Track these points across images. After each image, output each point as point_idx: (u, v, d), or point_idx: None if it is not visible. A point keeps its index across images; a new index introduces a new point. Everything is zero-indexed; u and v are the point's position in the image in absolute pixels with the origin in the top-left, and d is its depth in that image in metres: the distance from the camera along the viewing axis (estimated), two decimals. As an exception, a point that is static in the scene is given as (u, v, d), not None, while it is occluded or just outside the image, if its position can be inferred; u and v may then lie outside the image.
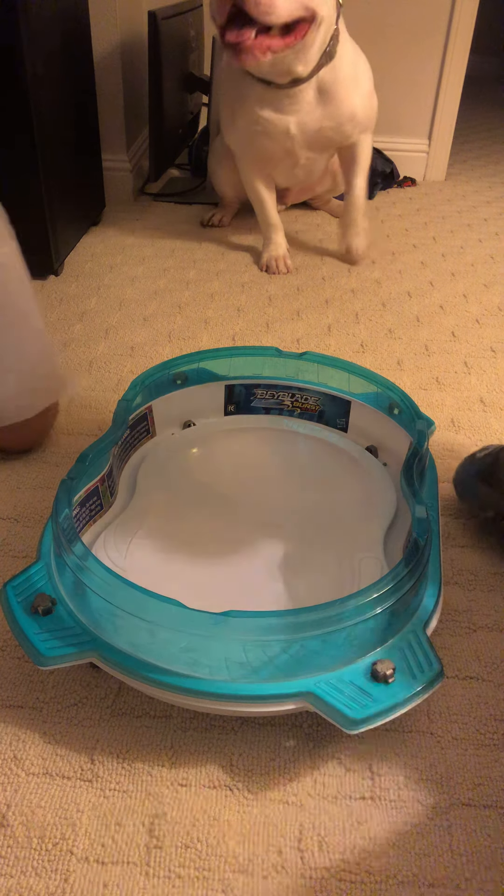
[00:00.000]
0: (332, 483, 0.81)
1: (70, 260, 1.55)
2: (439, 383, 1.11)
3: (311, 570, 0.69)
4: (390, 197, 2.08)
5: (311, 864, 0.50)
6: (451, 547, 0.79)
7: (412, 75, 2.09)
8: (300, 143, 1.39)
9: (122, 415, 0.76)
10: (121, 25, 1.73)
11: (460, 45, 2.02)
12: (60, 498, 0.62)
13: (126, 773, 0.56)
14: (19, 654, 0.65)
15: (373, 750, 0.58)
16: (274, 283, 1.47)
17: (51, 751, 0.57)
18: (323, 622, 0.52)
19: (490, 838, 0.52)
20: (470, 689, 0.63)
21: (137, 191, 1.99)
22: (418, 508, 0.62)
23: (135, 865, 0.50)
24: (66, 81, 1.40)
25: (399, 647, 0.55)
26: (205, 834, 0.52)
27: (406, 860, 0.51)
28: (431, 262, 1.61)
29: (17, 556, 0.76)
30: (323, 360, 0.86)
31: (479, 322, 1.33)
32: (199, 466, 0.83)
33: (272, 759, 0.57)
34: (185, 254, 1.61)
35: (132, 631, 0.54)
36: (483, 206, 2.01)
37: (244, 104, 1.35)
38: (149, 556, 0.70)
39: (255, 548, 0.72)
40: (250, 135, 1.39)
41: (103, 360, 1.15)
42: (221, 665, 0.53)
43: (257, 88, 1.31)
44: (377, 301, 1.40)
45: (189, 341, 1.22)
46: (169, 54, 1.62)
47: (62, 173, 1.42)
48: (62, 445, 0.94)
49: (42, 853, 0.50)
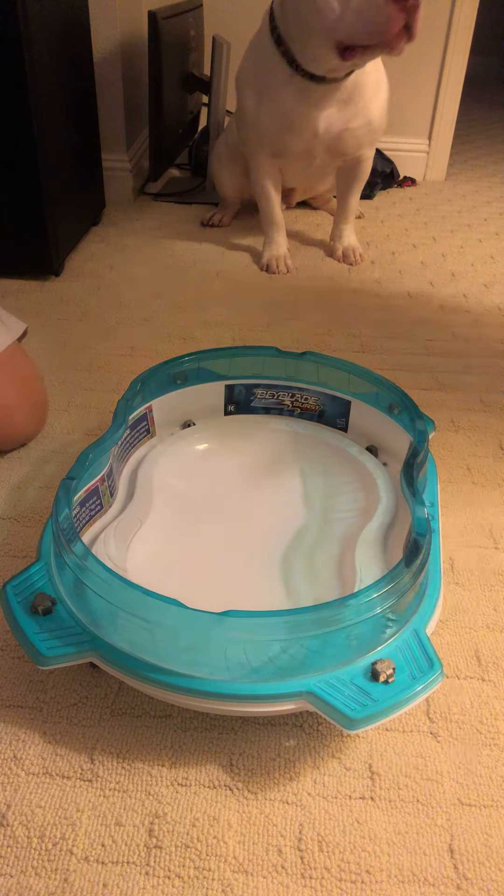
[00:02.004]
0: (332, 483, 0.81)
1: (70, 260, 1.55)
2: (439, 383, 1.11)
3: (311, 570, 0.69)
4: (390, 197, 2.08)
5: (311, 864, 0.50)
6: (451, 547, 0.79)
7: (412, 75, 2.09)
8: (322, 143, 1.38)
9: (122, 414, 0.76)
10: (121, 25, 1.73)
11: (460, 45, 2.02)
12: (60, 498, 0.62)
13: (126, 773, 0.56)
14: (19, 654, 0.65)
15: (373, 750, 0.58)
16: (274, 283, 1.47)
17: (51, 751, 0.57)
18: (323, 622, 0.52)
19: (490, 838, 0.52)
20: (470, 689, 0.63)
21: (137, 191, 1.99)
22: (418, 508, 0.62)
23: (135, 865, 0.50)
24: (66, 81, 1.40)
25: (399, 647, 0.55)
26: (205, 834, 0.52)
27: (406, 860, 0.51)
28: (431, 262, 1.61)
29: (17, 556, 0.76)
30: (323, 360, 0.86)
31: (479, 322, 1.33)
32: (198, 466, 0.83)
33: (272, 759, 0.57)
34: (185, 254, 1.61)
35: (132, 631, 0.54)
36: (483, 206, 2.01)
37: (277, 98, 1.32)
38: (149, 556, 0.70)
39: (255, 548, 0.72)
40: (276, 130, 1.37)
41: (103, 360, 1.15)
42: (221, 665, 0.53)
43: (298, 81, 1.29)
44: (377, 301, 1.40)
45: (189, 341, 1.22)
46: (169, 54, 1.62)
47: (62, 173, 1.42)
48: (62, 445, 0.94)
49: (42, 853, 0.50)
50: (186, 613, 0.52)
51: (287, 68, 1.28)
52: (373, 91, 1.35)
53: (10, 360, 0.88)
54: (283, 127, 1.36)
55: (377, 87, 1.35)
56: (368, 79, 1.32)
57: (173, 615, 0.52)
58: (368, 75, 1.32)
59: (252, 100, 1.36)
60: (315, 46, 1.19)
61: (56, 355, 1.16)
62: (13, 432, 0.89)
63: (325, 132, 1.35)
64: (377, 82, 1.35)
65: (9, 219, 1.36)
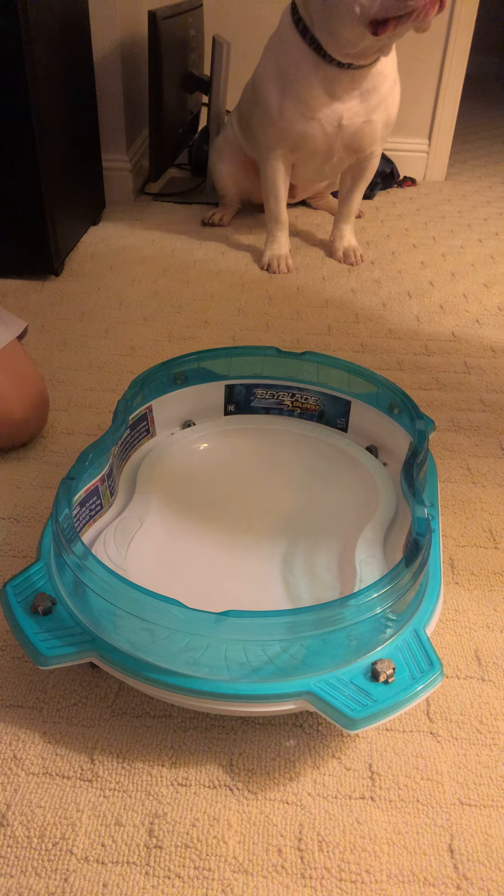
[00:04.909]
0: (332, 483, 0.81)
1: (70, 260, 1.55)
2: (439, 383, 1.11)
3: (311, 570, 0.69)
4: (390, 197, 2.08)
5: (311, 864, 0.50)
6: (451, 547, 0.79)
7: (412, 75, 2.09)
8: (343, 137, 1.39)
9: (122, 414, 0.76)
10: (121, 25, 1.73)
11: (460, 45, 2.02)
12: (60, 498, 0.62)
13: (126, 773, 0.56)
14: (19, 654, 0.65)
15: (373, 750, 0.58)
16: (274, 283, 1.47)
17: (51, 751, 0.57)
18: (323, 622, 0.52)
19: (490, 838, 0.52)
20: (470, 689, 0.63)
21: (137, 191, 1.99)
22: (418, 508, 0.62)
23: (135, 865, 0.50)
24: (66, 81, 1.40)
25: (399, 647, 0.55)
26: (205, 834, 0.52)
27: (406, 860, 0.51)
28: (431, 262, 1.61)
29: (17, 556, 0.76)
30: (323, 360, 0.86)
31: (479, 322, 1.33)
32: (198, 466, 0.83)
33: (272, 759, 0.57)
34: (185, 254, 1.61)
35: (132, 631, 0.54)
36: (483, 206, 2.01)
37: (302, 89, 1.33)
38: (149, 556, 0.70)
39: (255, 548, 0.72)
40: (300, 123, 1.37)
41: (103, 360, 1.15)
42: (221, 665, 0.53)
43: (325, 69, 1.29)
44: (377, 301, 1.40)
45: (189, 341, 1.22)
46: (169, 54, 1.62)
47: (62, 173, 1.42)
48: (62, 445, 0.94)
49: (42, 853, 0.50)
50: (186, 613, 0.52)
51: (314, 57, 1.29)
52: (392, 83, 1.37)
53: (10, 359, 0.88)
54: (307, 119, 1.37)
55: (395, 81, 1.38)
56: (388, 69, 1.34)
57: (173, 615, 0.52)
58: (388, 66, 1.34)
59: (275, 95, 1.37)
60: (346, 26, 1.19)
61: (56, 355, 1.16)
62: (14, 432, 0.89)
63: (348, 123, 1.37)
64: (395, 77, 1.38)
65: (9, 219, 1.36)
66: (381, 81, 1.34)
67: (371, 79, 1.33)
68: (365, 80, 1.32)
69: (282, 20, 1.35)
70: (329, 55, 1.27)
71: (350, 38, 1.21)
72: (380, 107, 1.37)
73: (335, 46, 1.25)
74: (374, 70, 1.32)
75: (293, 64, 1.32)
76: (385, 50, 1.26)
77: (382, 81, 1.34)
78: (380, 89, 1.35)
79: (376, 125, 1.39)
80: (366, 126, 1.38)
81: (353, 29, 1.19)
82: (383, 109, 1.38)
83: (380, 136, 1.43)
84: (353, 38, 1.21)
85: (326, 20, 1.22)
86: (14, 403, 0.87)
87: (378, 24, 1.16)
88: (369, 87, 1.34)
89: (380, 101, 1.36)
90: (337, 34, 1.22)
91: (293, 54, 1.32)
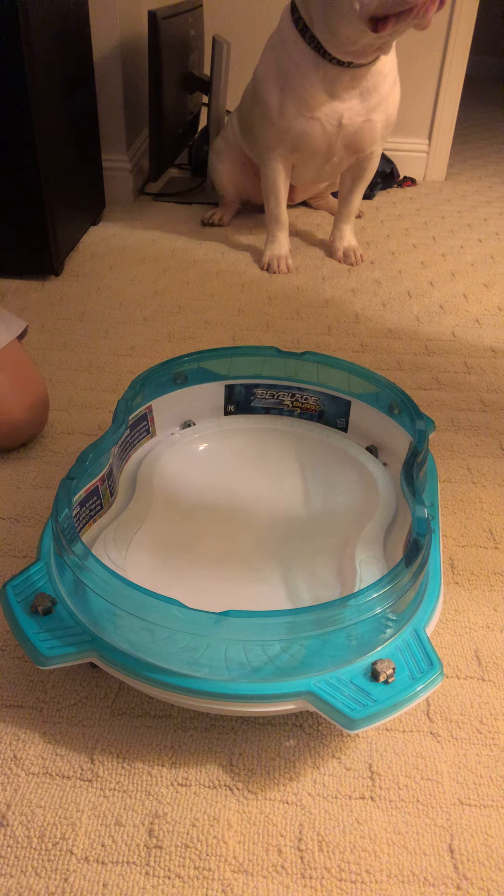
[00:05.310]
0: (332, 483, 0.81)
1: (70, 260, 1.55)
2: (439, 383, 1.11)
3: (311, 570, 0.69)
4: (390, 197, 2.08)
5: (311, 864, 0.50)
6: (451, 547, 0.79)
7: (412, 75, 2.09)
8: (343, 136, 1.39)
9: (122, 414, 0.76)
10: (121, 25, 1.73)
11: (460, 45, 2.02)
12: (60, 498, 0.62)
13: (126, 773, 0.56)
14: (19, 654, 0.65)
15: (373, 750, 0.58)
16: (274, 283, 1.47)
17: (51, 751, 0.57)
18: (323, 622, 0.52)
19: (490, 838, 0.52)
20: (470, 689, 0.63)
21: (137, 191, 1.99)
22: (418, 508, 0.62)
23: (135, 865, 0.50)
24: (66, 81, 1.40)
25: (399, 647, 0.55)
26: (205, 834, 0.52)
27: (406, 860, 0.51)
28: (431, 262, 1.61)
29: (17, 556, 0.76)
30: (323, 360, 0.86)
31: (479, 322, 1.33)
32: (199, 466, 0.83)
33: (272, 759, 0.57)
34: (185, 254, 1.61)
35: (132, 631, 0.54)
36: (483, 206, 2.01)
37: (302, 88, 1.33)
38: (149, 556, 0.70)
39: (256, 548, 0.72)
40: (300, 122, 1.37)
41: (103, 360, 1.15)
42: (221, 665, 0.53)
43: (325, 68, 1.29)
44: (377, 301, 1.40)
45: (189, 341, 1.22)
46: (169, 54, 1.62)
47: (62, 173, 1.42)
48: (62, 445, 0.94)
49: (42, 853, 0.50)
50: (186, 613, 0.52)
51: (314, 56, 1.29)
52: (392, 83, 1.37)
53: (10, 359, 0.88)
54: (307, 118, 1.36)
55: (395, 81, 1.38)
56: (387, 68, 1.34)
57: (173, 615, 0.52)
58: (387, 65, 1.34)
59: (275, 94, 1.37)
60: (346, 24, 1.19)
61: (56, 355, 1.16)
62: (14, 432, 0.89)
63: (348, 123, 1.37)
64: (395, 77, 1.38)
65: (9, 219, 1.36)
66: (381, 81, 1.34)
67: (371, 78, 1.33)
68: (365, 79, 1.32)
69: (282, 19, 1.35)
70: (329, 54, 1.27)
71: (350, 35, 1.21)
72: (380, 106, 1.37)
73: (335, 45, 1.25)
74: (374, 69, 1.32)
75: (293, 63, 1.32)
76: (385, 48, 1.26)
77: (382, 81, 1.35)
78: (380, 88, 1.35)
79: (376, 125, 1.39)
80: (366, 125, 1.38)
81: (352, 26, 1.19)
82: (383, 109, 1.38)
83: (380, 136, 1.43)
84: (353, 36, 1.21)
85: (326, 18, 1.22)
86: (14, 403, 0.87)
87: (378, 21, 1.16)
88: (369, 86, 1.34)
89: (380, 100, 1.36)
90: (337, 32, 1.22)
91: (293, 53, 1.32)
